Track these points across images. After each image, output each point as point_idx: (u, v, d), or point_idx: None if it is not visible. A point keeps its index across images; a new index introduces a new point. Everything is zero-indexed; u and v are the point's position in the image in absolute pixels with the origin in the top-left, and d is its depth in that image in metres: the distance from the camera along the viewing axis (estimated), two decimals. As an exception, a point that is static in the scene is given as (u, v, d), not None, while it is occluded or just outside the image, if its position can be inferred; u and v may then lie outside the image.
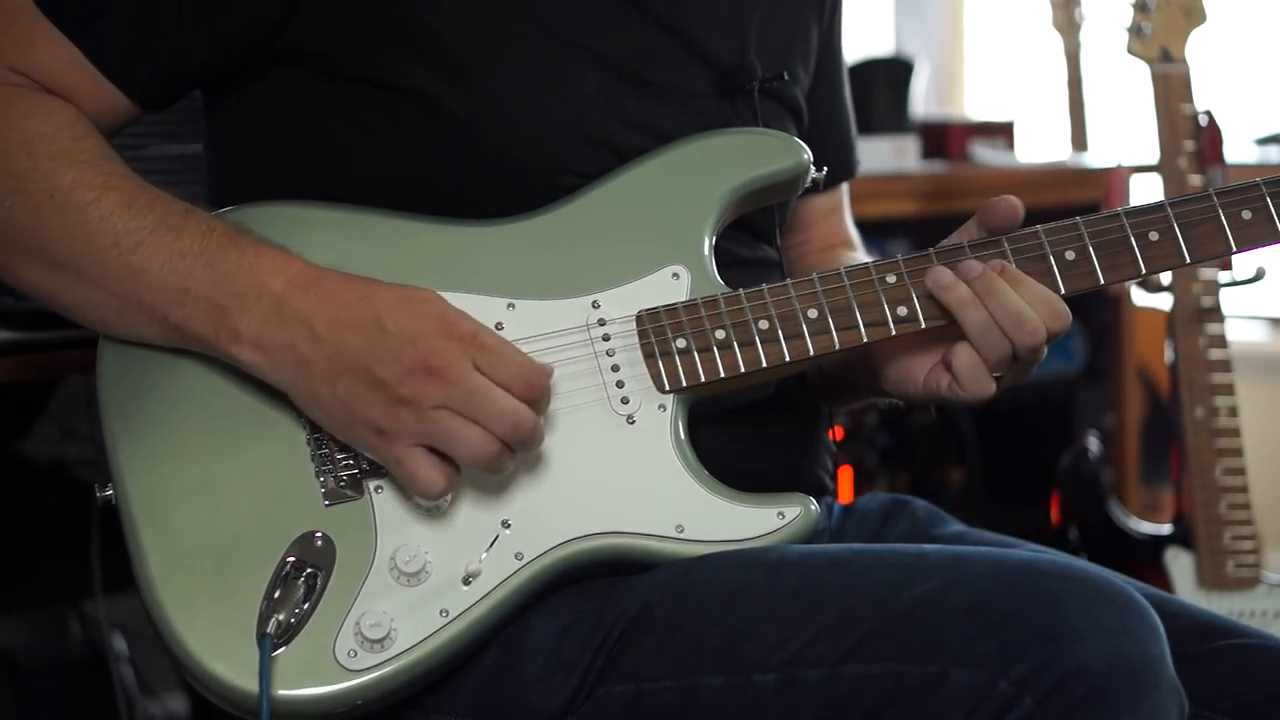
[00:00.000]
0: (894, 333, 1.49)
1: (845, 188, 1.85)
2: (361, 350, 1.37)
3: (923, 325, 1.49)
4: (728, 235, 1.55)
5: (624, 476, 1.45)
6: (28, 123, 1.44)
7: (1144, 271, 1.50)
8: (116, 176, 1.44)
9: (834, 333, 1.48)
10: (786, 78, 1.62)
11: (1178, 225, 1.50)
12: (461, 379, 1.36)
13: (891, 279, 1.49)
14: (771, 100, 1.61)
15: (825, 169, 1.56)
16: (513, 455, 1.39)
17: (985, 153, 3.01)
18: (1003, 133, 3.09)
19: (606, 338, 1.47)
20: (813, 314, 1.48)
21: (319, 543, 1.41)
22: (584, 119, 1.52)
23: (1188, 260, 1.50)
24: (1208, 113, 2.38)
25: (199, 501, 1.42)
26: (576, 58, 1.52)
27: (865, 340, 1.48)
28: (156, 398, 1.46)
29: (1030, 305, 1.46)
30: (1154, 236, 1.50)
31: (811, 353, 1.48)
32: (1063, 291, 1.48)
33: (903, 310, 1.49)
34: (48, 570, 2.45)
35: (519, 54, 1.50)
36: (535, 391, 1.38)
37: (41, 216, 1.42)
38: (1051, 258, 1.49)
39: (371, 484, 1.43)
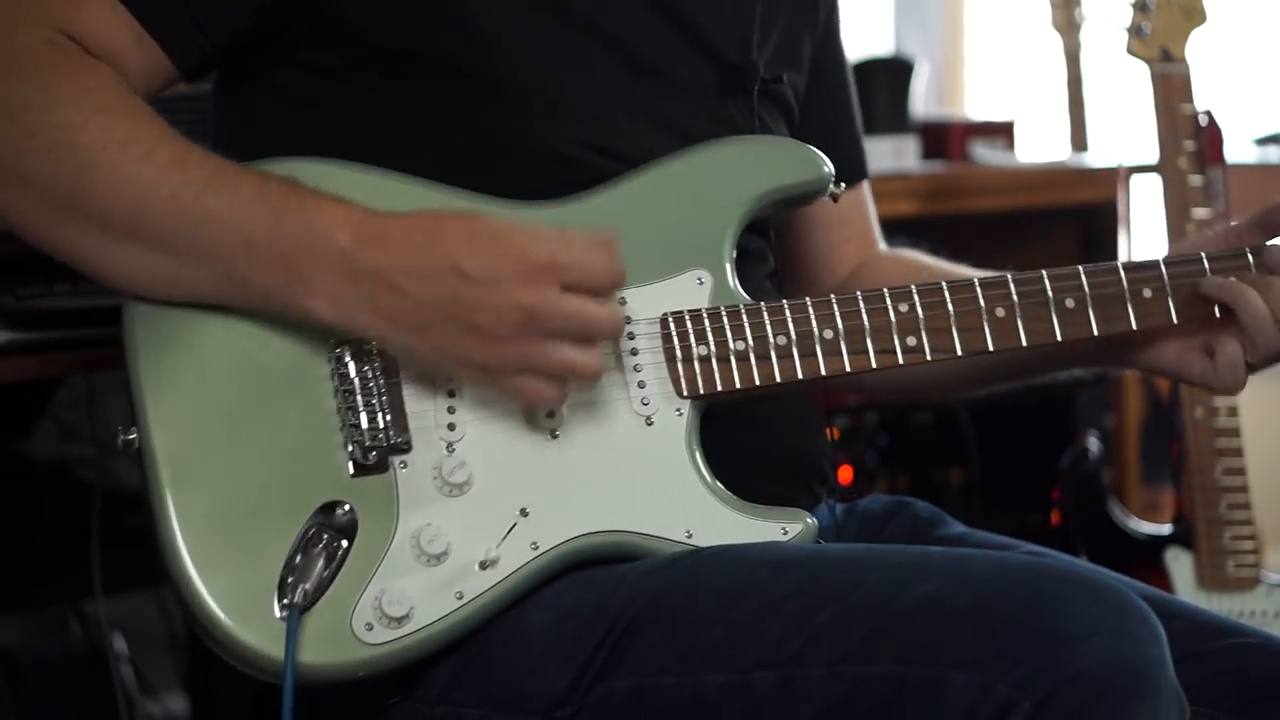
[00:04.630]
0: (901, 362, 1.52)
1: (866, 187, 1.88)
2: (445, 299, 1.38)
3: (928, 358, 1.52)
4: None
5: (640, 477, 1.47)
6: (77, 80, 1.42)
7: (1135, 328, 1.56)
8: (167, 132, 1.43)
9: (845, 356, 1.51)
10: (785, 80, 1.64)
11: (1170, 286, 1.56)
12: (555, 309, 1.38)
13: (904, 308, 1.52)
14: (768, 100, 1.63)
15: (844, 185, 1.58)
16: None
17: (985, 153, 3.00)
18: (1003, 133, 3.08)
19: (631, 335, 1.49)
20: (828, 335, 1.50)
21: (342, 513, 1.42)
22: (594, 102, 1.53)
23: (1175, 321, 1.57)
24: (1208, 113, 2.38)
25: (225, 458, 1.42)
26: (588, 41, 1.54)
27: (874, 366, 1.51)
28: (187, 349, 1.44)
29: None
30: (1148, 294, 1.56)
31: (823, 372, 1.50)
32: (1059, 338, 1.54)
33: (911, 341, 1.52)
34: (48, 570, 2.45)
35: (533, 32, 1.52)
36: (619, 279, 1.41)
37: (91, 170, 1.40)
38: (1052, 303, 1.53)
39: (396, 460, 1.44)
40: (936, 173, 2.88)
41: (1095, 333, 1.55)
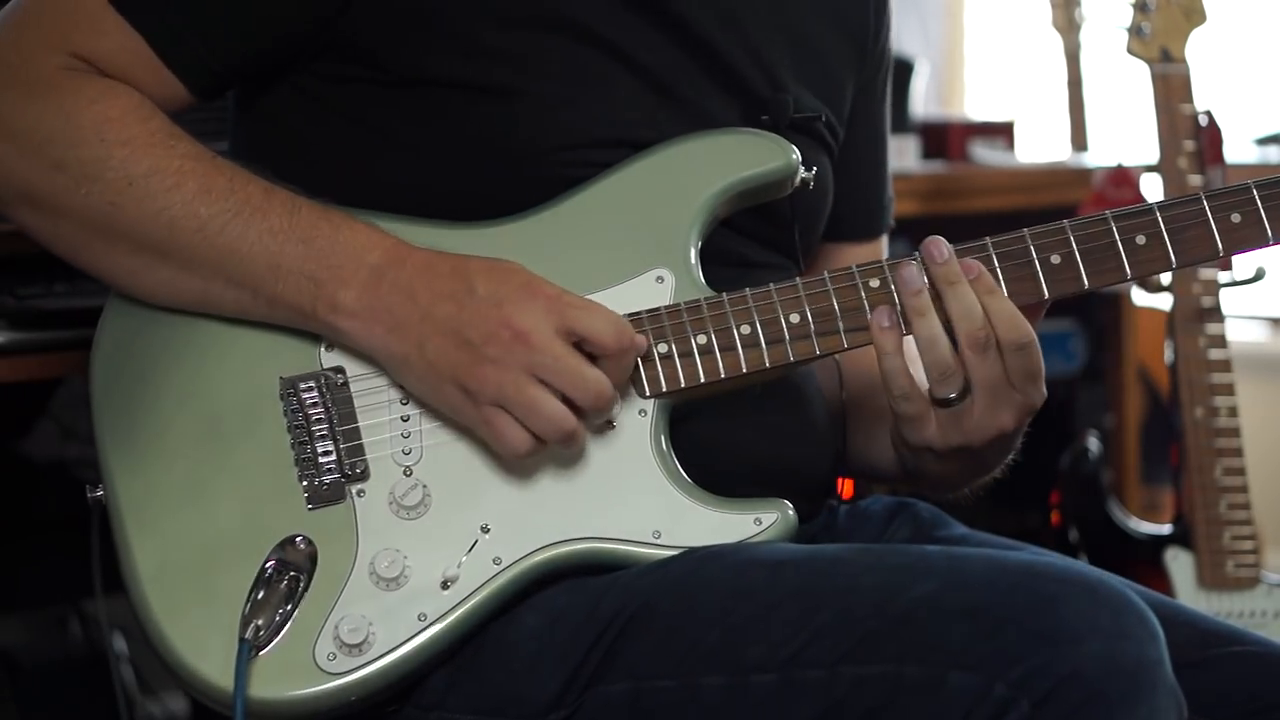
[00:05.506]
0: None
1: (885, 242, 1.83)
2: (452, 314, 1.40)
3: (904, 332, 1.47)
4: (740, 240, 1.56)
5: (603, 481, 1.45)
6: (97, 107, 1.44)
7: (1130, 276, 1.49)
8: (190, 159, 1.45)
9: (814, 338, 1.47)
10: (824, 119, 1.61)
11: (1165, 229, 1.48)
12: (545, 343, 1.39)
13: (875, 283, 1.48)
14: (804, 136, 1.60)
15: (815, 169, 1.55)
16: (586, 429, 1.42)
17: (985, 153, 3.01)
18: (1003, 133, 3.08)
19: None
20: (794, 319, 1.47)
21: (301, 546, 1.43)
22: (615, 123, 1.52)
23: (1175, 264, 1.49)
24: (1208, 113, 2.38)
25: (186, 503, 1.44)
26: (611, 64, 1.53)
27: (846, 346, 1.48)
28: (147, 400, 1.47)
29: (989, 311, 1.44)
30: (1141, 240, 1.48)
31: (791, 358, 1.48)
32: (1046, 295, 1.48)
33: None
34: (48, 570, 2.45)
35: (556, 55, 1.51)
36: (626, 339, 1.42)
37: (120, 204, 1.43)
38: (1036, 261, 1.47)
39: (354, 488, 1.44)
40: (936, 173, 2.88)
41: (1086, 286, 1.48)
